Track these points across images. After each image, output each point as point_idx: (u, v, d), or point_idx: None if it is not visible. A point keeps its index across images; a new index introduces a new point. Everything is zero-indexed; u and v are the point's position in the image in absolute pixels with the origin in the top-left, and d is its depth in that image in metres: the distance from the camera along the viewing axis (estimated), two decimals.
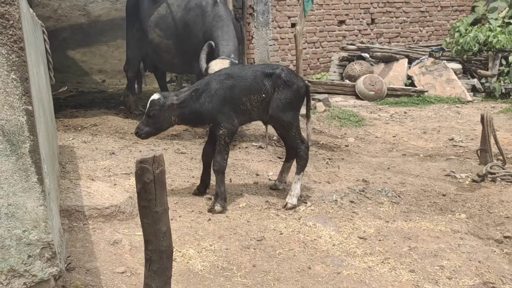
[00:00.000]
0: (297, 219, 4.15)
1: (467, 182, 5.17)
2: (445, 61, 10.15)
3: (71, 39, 12.73)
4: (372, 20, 11.55)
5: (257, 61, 10.45)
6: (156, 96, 4.19)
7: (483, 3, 11.99)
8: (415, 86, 9.91)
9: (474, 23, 11.27)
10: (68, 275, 2.76)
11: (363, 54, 10.47)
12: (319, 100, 8.80)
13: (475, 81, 10.01)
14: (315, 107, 8.50)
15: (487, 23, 10.86)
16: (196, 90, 4.22)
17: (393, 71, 10.19)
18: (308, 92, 4.45)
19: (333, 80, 10.38)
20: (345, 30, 11.36)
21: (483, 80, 10.03)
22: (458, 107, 8.93)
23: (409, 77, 10.17)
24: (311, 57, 11.12)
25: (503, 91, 9.69)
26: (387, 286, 3.17)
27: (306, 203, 4.49)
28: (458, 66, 10.21)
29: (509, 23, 10.88)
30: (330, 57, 11.05)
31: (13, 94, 1.93)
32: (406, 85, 10.01)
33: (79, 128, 6.91)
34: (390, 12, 11.66)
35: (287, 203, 4.38)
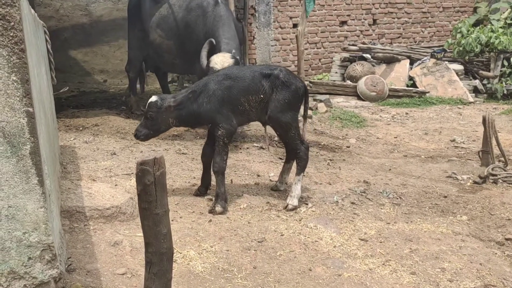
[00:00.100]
0: (298, 221, 4.14)
1: (469, 184, 5.16)
2: (447, 62, 10.14)
3: (73, 39, 12.74)
4: (374, 21, 11.54)
5: (259, 62, 10.45)
6: (154, 99, 4.21)
7: (485, 4, 11.96)
8: (417, 87, 9.89)
9: (476, 24, 11.25)
10: (69, 277, 2.76)
11: (365, 55, 10.45)
12: (321, 101, 8.79)
13: (477, 82, 9.99)
14: (317, 108, 8.49)
15: (489, 24, 10.84)
16: (194, 92, 4.23)
17: (395, 72, 10.18)
18: (307, 93, 4.45)
19: (335, 81, 10.37)
20: (347, 31, 11.35)
21: (485, 81, 10.01)
22: (460, 108, 8.92)
23: (411, 78, 10.15)
24: (313, 58, 11.12)
25: (505, 92, 9.67)
26: None
27: (307, 204, 4.48)
28: (460, 67, 10.19)
29: (511, 24, 10.85)
30: (332, 58, 11.04)
31: (14, 96, 1.93)
32: (408, 86, 10.00)
33: (81, 128, 6.91)
34: (392, 13, 11.65)
35: (288, 204, 4.37)
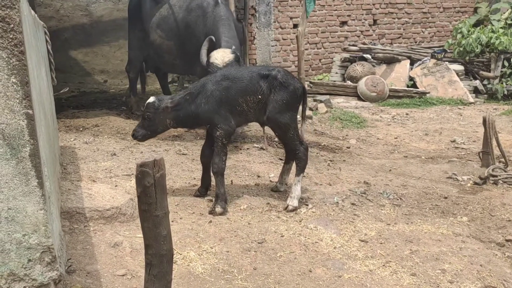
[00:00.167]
0: (298, 222, 4.14)
1: (469, 185, 5.16)
2: (447, 63, 10.13)
3: (73, 39, 12.75)
4: (374, 21, 11.54)
5: (259, 62, 10.45)
6: (151, 99, 4.24)
7: (486, 5, 11.96)
8: (417, 88, 9.89)
9: (477, 25, 11.24)
10: (69, 278, 2.76)
11: (365, 55, 10.45)
12: (321, 101, 8.79)
13: (477, 83, 9.99)
14: (317, 108, 8.49)
15: (490, 25, 10.84)
16: (191, 93, 4.25)
17: (395, 72, 10.17)
18: (305, 94, 4.46)
19: (335, 81, 10.37)
20: (347, 31, 11.34)
21: (485, 82, 10.00)
22: (460, 109, 8.91)
23: (411, 79, 10.15)
24: (313, 58, 11.11)
25: (506, 93, 9.66)
26: None
27: (308, 205, 4.48)
28: (460, 68, 10.18)
29: None
30: (332, 58, 11.03)
31: (14, 98, 1.92)
32: (408, 87, 10.00)
33: (81, 129, 6.91)
34: (392, 13, 11.65)
35: (288, 205, 4.37)
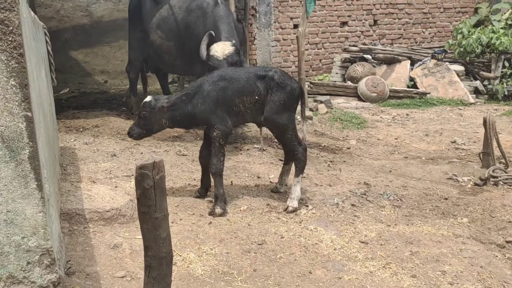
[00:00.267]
0: (298, 223, 4.14)
1: (469, 186, 5.15)
2: (448, 63, 10.12)
3: (74, 40, 12.73)
4: (375, 22, 11.53)
5: (259, 62, 10.45)
6: (148, 99, 4.26)
7: (486, 5, 11.94)
8: (418, 88, 9.88)
9: (477, 25, 11.23)
10: (68, 280, 2.76)
11: (365, 56, 10.44)
12: (321, 102, 8.78)
13: (478, 83, 9.97)
14: (317, 109, 8.48)
15: (490, 25, 10.82)
16: (187, 94, 4.26)
17: (396, 73, 10.16)
18: (303, 94, 4.45)
19: (335, 82, 10.36)
20: (348, 32, 11.33)
21: (486, 82, 9.99)
22: (461, 109, 8.90)
23: (412, 79, 10.14)
24: (313, 58, 11.11)
25: (506, 93, 9.65)
26: None
27: (308, 207, 4.48)
28: (461, 68, 10.17)
29: None
30: (332, 59, 11.02)
31: (13, 101, 1.92)
32: (409, 87, 9.99)
33: (81, 129, 6.91)
34: (393, 14, 11.64)
35: (288, 206, 4.37)
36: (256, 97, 4.24)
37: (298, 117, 7.43)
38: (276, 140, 6.08)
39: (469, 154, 6.33)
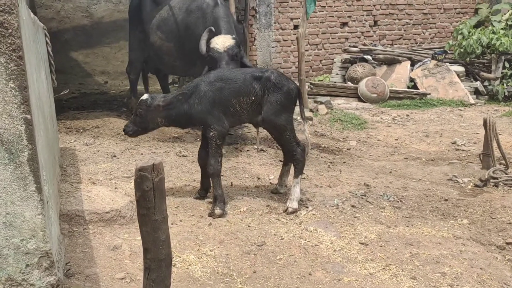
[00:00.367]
0: (298, 224, 4.13)
1: (470, 187, 5.15)
2: (448, 64, 10.11)
3: (74, 41, 12.74)
4: (375, 22, 11.53)
5: (260, 63, 10.44)
6: (144, 97, 4.29)
7: (487, 6, 11.94)
8: (418, 89, 9.87)
9: (477, 26, 11.23)
10: (67, 281, 2.76)
11: (366, 56, 10.44)
12: (321, 103, 8.78)
13: (478, 84, 9.97)
14: (317, 110, 8.48)
15: (491, 26, 10.81)
16: (184, 93, 4.27)
17: (396, 74, 10.16)
18: (300, 95, 4.45)
19: (336, 82, 10.36)
20: (348, 32, 11.33)
21: (486, 83, 9.98)
22: (461, 110, 8.90)
23: (412, 80, 10.13)
24: (314, 59, 11.11)
25: (506, 94, 9.65)
26: None
27: (308, 208, 4.47)
28: (461, 69, 10.17)
29: None
30: (333, 59, 11.02)
31: (12, 103, 1.92)
32: (409, 88, 9.98)
33: (81, 130, 6.91)
34: (393, 14, 11.64)
35: (288, 208, 4.37)
36: (253, 98, 4.25)
37: (298, 118, 7.45)
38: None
39: (469, 155, 6.32)
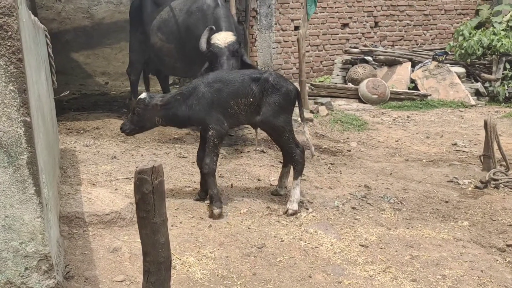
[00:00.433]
0: (298, 226, 4.13)
1: (470, 189, 5.14)
2: (449, 65, 10.11)
3: (75, 42, 12.76)
4: (376, 23, 11.52)
5: (260, 64, 10.45)
6: (143, 96, 4.29)
7: (487, 7, 11.93)
8: (419, 90, 9.87)
9: (478, 27, 11.22)
10: (67, 284, 2.75)
11: (366, 57, 10.43)
12: (322, 104, 8.77)
13: (479, 85, 9.96)
14: (318, 111, 8.47)
15: (491, 27, 10.81)
16: (182, 94, 4.28)
17: (396, 75, 10.15)
18: (299, 96, 4.45)
19: (336, 83, 10.35)
20: (349, 33, 11.33)
21: (487, 84, 9.97)
22: (462, 111, 8.89)
23: (413, 81, 10.13)
24: (314, 60, 11.11)
25: (507, 95, 9.64)
26: None
27: (308, 210, 4.47)
28: (462, 70, 10.16)
29: None
30: (333, 60, 11.02)
31: (11, 106, 1.92)
32: (409, 89, 9.98)
33: (82, 131, 6.91)
34: (394, 15, 11.63)
35: (288, 209, 4.36)
36: (251, 99, 4.25)
37: (299, 120, 7.44)
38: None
39: (470, 157, 6.31)
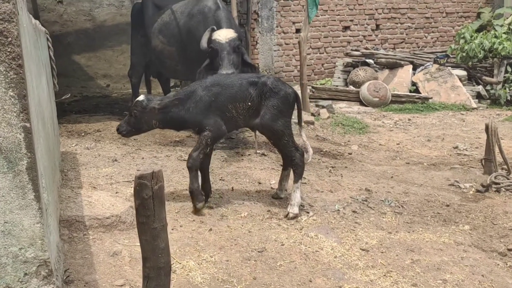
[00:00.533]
0: (299, 230, 4.12)
1: (471, 192, 5.13)
2: (450, 68, 10.11)
3: (76, 44, 12.79)
4: (377, 26, 11.53)
5: (262, 67, 10.46)
6: (141, 98, 4.28)
7: (489, 10, 11.93)
8: (420, 93, 9.87)
9: (480, 30, 11.22)
10: None
11: (368, 60, 10.44)
12: (323, 107, 8.77)
13: (480, 88, 9.96)
14: (319, 114, 8.47)
15: (493, 30, 10.81)
16: (180, 98, 4.26)
17: (398, 78, 10.16)
18: (298, 99, 4.44)
19: (337, 86, 10.36)
20: (350, 36, 11.34)
21: (488, 87, 9.97)
22: (463, 114, 8.88)
23: (414, 84, 10.13)
24: (316, 63, 11.11)
25: (508, 98, 9.64)
26: None
27: (308, 213, 4.46)
28: (463, 73, 10.16)
29: None
30: (335, 63, 11.03)
31: (11, 112, 1.92)
32: (411, 92, 9.98)
33: (83, 134, 6.92)
34: (395, 18, 11.63)
35: (289, 213, 4.35)
36: (249, 104, 4.24)
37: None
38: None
39: (471, 160, 6.30)
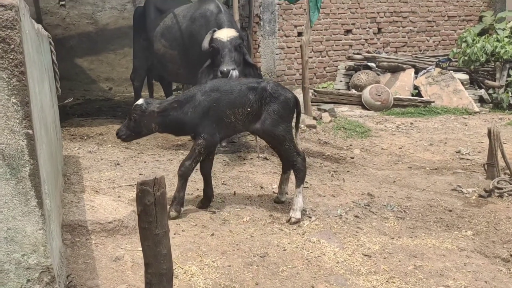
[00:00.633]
0: (301, 235, 4.11)
1: (474, 197, 5.11)
2: (452, 72, 10.10)
3: (79, 47, 12.81)
4: (379, 30, 11.54)
5: (264, 70, 10.46)
6: (140, 102, 4.27)
7: (491, 13, 11.93)
8: (422, 97, 9.86)
9: (482, 33, 11.22)
10: None
11: (370, 64, 10.44)
12: (325, 110, 8.76)
13: (483, 92, 9.95)
14: (321, 117, 8.46)
15: (495, 34, 10.80)
16: (179, 101, 4.26)
17: (400, 81, 10.15)
18: (298, 104, 4.44)
19: (339, 90, 10.36)
20: (352, 40, 11.34)
21: (491, 91, 9.96)
22: (465, 118, 8.86)
23: (416, 87, 10.12)
24: (318, 66, 11.12)
25: (511, 102, 9.62)
26: None
27: (311, 218, 4.45)
28: (465, 77, 10.15)
29: None
30: (337, 66, 11.03)
31: (14, 118, 1.93)
32: (413, 95, 9.97)
33: (85, 138, 6.93)
34: (397, 22, 11.64)
35: (291, 218, 4.35)
36: (248, 109, 4.24)
37: (302, 126, 7.43)
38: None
39: (474, 165, 6.29)
